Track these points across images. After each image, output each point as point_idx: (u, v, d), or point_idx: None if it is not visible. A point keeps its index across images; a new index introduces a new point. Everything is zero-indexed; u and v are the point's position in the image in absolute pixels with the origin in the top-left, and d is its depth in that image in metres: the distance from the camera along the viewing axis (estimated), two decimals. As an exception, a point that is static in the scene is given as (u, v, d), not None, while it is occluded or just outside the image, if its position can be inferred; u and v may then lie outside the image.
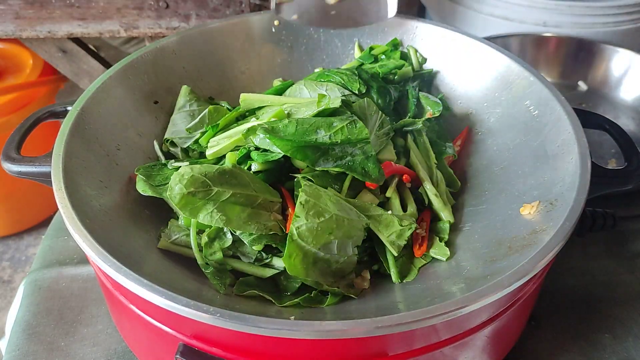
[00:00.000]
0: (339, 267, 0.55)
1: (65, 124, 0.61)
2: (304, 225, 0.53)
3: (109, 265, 0.48)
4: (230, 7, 1.06)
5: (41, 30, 1.11)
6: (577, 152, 0.58)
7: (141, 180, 0.62)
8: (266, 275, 0.58)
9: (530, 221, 0.57)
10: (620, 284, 0.77)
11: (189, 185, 0.54)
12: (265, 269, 0.58)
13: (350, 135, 0.58)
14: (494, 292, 0.46)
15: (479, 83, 0.74)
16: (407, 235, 0.59)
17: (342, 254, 0.55)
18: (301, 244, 0.53)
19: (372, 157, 0.59)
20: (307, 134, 0.58)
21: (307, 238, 0.53)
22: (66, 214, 0.52)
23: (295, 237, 0.53)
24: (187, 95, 0.74)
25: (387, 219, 0.59)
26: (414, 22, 0.79)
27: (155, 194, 0.61)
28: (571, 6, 1.07)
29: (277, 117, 0.62)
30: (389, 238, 0.58)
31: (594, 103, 1.04)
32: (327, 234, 0.54)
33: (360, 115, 0.62)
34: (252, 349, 0.48)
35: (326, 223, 0.54)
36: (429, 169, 0.68)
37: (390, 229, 0.59)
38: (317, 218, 0.54)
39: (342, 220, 0.55)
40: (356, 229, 0.56)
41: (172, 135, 0.70)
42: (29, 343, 0.70)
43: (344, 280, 0.56)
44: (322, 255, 0.54)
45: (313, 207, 0.54)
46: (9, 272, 1.67)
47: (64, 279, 0.78)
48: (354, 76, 0.69)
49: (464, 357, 0.54)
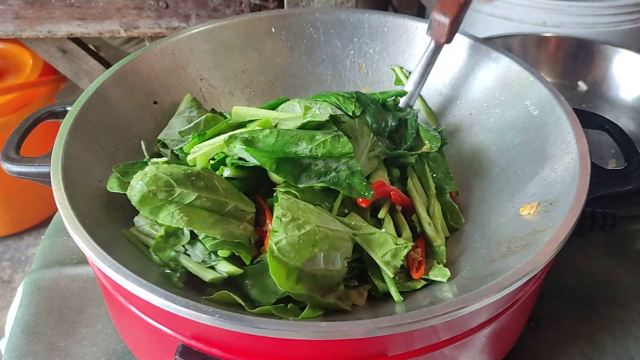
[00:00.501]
0: (327, 282, 0.52)
1: (65, 124, 0.61)
2: (284, 239, 0.50)
3: (108, 266, 0.48)
4: (230, 7, 1.06)
5: (41, 30, 1.11)
6: (577, 152, 0.58)
7: (114, 177, 0.60)
8: (206, 279, 0.55)
9: (530, 221, 0.57)
10: (620, 284, 0.77)
11: (150, 183, 0.52)
12: (209, 271, 0.55)
13: (333, 149, 0.56)
14: (494, 292, 0.46)
15: (479, 83, 0.74)
16: (403, 255, 0.55)
17: (330, 267, 0.52)
18: (283, 259, 0.50)
19: (358, 172, 0.57)
20: (287, 145, 0.55)
21: (288, 253, 0.50)
22: (65, 214, 0.52)
23: (275, 253, 0.50)
24: (189, 103, 0.74)
25: (380, 237, 0.56)
26: (414, 22, 0.79)
27: (122, 190, 0.59)
28: (571, 6, 1.07)
29: (262, 126, 0.60)
30: (384, 258, 0.55)
31: (594, 103, 1.04)
32: (310, 246, 0.51)
33: (348, 134, 0.60)
34: (251, 349, 0.48)
35: (308, 235, 0.51)
36: (427, 198, 0.65)
37: (385, 248, 0.55)
38: (297, 231, 0.51)
39: (325, 231, 0.52)
40: (343, 240, 0.53)
41: (165, 137, 0.69)
42: (28, 343, 0.70)
43: (333, 292, 0.53)
44: (309, 270, 0.51)
45: (292, 221, 0.51)
46: (9, 272, 1.67)
47: (63, 279, 0.78)
48: (351, 98, 0.67)
49: (464, 357, 0.54)
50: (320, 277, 0.52)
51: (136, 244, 0.58)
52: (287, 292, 0.51)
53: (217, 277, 0.55)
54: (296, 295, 0.51)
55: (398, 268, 0.55)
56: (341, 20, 0.81)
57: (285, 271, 0.50)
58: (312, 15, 0.81)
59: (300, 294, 0.51)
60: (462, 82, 0.76)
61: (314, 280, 0.51)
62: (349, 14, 0.81)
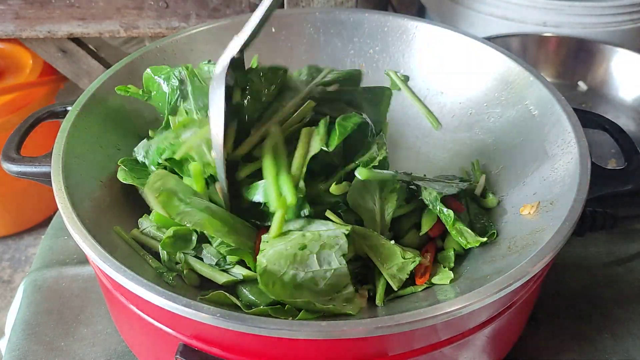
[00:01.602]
0: (330, 283, 0.51)
1: (65, 124, 0.61)
2: (272, 249, 0.50)
3: (109, 265, 0.48)
4: (230, 7, 1.06)
5: (41, 30, 1.11)
6: (577, 152, 0.58)
7: (122, 170, 0.61)
8: (220, 282, 0.55)
9: (530, 221, 0.57)
10: (620, 284, 0.77)
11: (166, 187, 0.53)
12: (223, 274, 0.55)
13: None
14: (494, 292, 0.46)
15: (479, 83, 0.74)
16: (409, 270, 0.55)
17: (326, 268, 0.51)
18: (274, 268, 0.50)
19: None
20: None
21: (277, 261, 0.50)
22: (66, 214, 0.52)
23: (263, 264, 0.50)
24: None
25: (389, 249, 0.55)
26: (414, 22, 0.79)
27: (138, 183, 0.60)
28: (571, 6, 1.07)
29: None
30: (389, 271, 0.54)
31: (594, 103, 1.04)
32: (299, 249, 0.50)
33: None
34: (251, 349, 0.48)
35: (296, 240, 0.51)
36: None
37: (392, 261, 0.54)
38: (283, 241, 0.51)
39: (314, 234, 0.51)
40: (336, 237, 0.52)
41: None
42: (29, 343, 0.70)
43: (339, 295, 0.51)
44: (304, 275, 0.50)
45: (279, 236, 0.51)
46: (9, 272, 1.67)
47: (64, 279, 0.78)
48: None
49: (464, 357, 0.54)
50: (320, 279, 0.51)
51: (131, 244, 0.58)
52: (283, 301, 0.50)
53: (231, 279, 0.55)
54: (294, 304, 0.50)
55: (402, 281, 0.54)
56: (341, 20, 0.81)
57: (279, 282, 0.50)
58: (312, 15, 0.81)
59: (299, 301, 0.50)
60: (462, 82, 0.76)
61: (313, 283, 0.51)
62: (349, 14, 0.81)
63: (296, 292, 0.50)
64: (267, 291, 0.50)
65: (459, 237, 0.58)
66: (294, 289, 0.50)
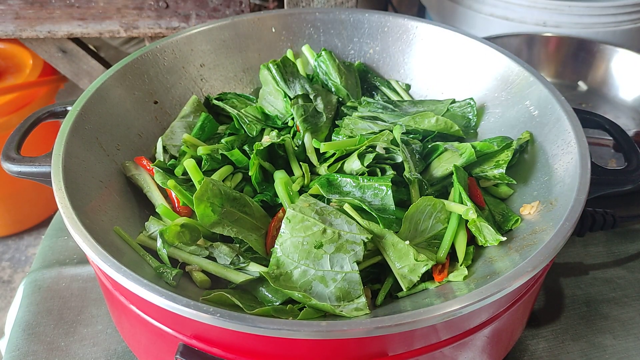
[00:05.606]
0: (340, 287, 0.52)
1: (65, 124, 0.61)
2: (289, 240, 0.51)
3: (109, 266, 0.48)
4: (230, 7, 1.06)
5: (41, 30, 1.11)
6: (577, 152, 0.58)
7: (158, 172, 0.63)
8: (238, 281, 0.55)
9: (530, 221, 0.57)
10: (620, 284, 0.77)
11: (211, 197, 0.55)
12: (239, 274, 0.56)
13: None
14: (494, 292, 0.46)
15: (479, 83, 0.74)
16: (420, 273, 0.54)
17: (337, 270, 0.52)
18: (286, 260, 0.51)
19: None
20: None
21: (292, 254, 0.51)
22: (66, 214, 0.52)
23: (278, 253, 0.51)
24: (193, 106, 0.74)
25: (402, 249, 0.54)
26: (414, 22, 0.79)
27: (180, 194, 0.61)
28: (571, 6, 1.07)
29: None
30: (400, 271, 0.54)
31: (594, 103, 1.04)
32: (315, 247, 0.51)
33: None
34: (252, 349, 0.48)
35: (313, 237, 0.51)
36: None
37: (404, 261, 0.54)
38: (303, 232, 0.51)
39: (334, 233, 0.52)
40: (353, 243, 0.52)
41: (168, 142, 0.69)
42: (29, 343, 0.70)
43: (351, 303, 0.51)
44: (314, 273, 0.51)
45: (301, 221, 0.52)
46: (9, 272, 1.67)
47: (64, 279, 0.78)
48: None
49: (464, 357, 0.54)
50: (330, 280, 0.51)
51: (131, 244, 0.58)
52: (290, 295, 0.51)
53: (248, 278, 0.55)
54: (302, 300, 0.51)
55: (413, 283, 0.54)
56: (341, 20, 0.81)
57: (288, 274, 0.50)
58: (312, 15, 0.81)
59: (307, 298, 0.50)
60: (463, 82, 0.76)
61: (322, 282, 0.51)
62: (349, 14, 0.81)
63: (304, 290, 0.51)
64: (273, 283, 0.50)
65: (478, 233, 0.58)
66: (302, 285, 0.51)
